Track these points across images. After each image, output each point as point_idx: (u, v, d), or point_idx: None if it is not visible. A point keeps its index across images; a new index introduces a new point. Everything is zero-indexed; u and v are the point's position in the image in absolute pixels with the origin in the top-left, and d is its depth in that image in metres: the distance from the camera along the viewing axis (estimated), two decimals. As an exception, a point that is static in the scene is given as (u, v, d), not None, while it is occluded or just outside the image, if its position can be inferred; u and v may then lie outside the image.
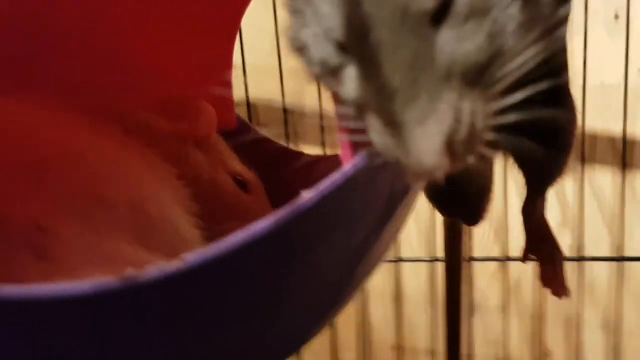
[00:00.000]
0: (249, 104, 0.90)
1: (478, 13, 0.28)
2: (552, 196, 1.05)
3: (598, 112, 1.02)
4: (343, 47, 0.31)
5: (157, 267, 0.31)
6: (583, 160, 1.03)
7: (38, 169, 0.41)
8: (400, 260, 1.09)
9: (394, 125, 0.29)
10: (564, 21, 0.33)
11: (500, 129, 0.32)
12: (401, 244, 1.09)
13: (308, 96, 0.93)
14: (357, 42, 0.29)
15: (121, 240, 0.40)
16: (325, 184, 0.33)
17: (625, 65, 0.97)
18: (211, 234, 0.46)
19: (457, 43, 0.28)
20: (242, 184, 0.58)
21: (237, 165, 0.60)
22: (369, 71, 0.29)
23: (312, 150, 0.91)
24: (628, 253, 1.03)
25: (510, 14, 0.29)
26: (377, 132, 0.30)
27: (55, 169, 0.42)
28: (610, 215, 1.04)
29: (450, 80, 0.28)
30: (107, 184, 0.43)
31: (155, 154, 0.51)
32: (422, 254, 1.10)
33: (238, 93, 0.82)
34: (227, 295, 0.33)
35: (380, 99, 0.29)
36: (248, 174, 0.60)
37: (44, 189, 0.40)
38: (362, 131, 0.32)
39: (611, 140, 1.03)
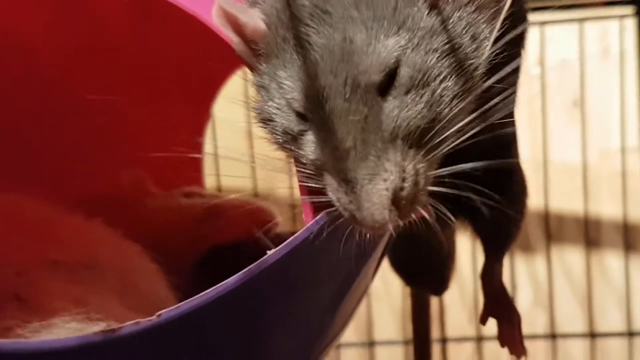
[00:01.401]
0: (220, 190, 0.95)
1: (418, 85, 0.34)
2: (523, 277, 1.10)
3: (563, 192, 1.08)
4: (303, 116, 0.36)
5: (134, 322, 0.34)
6: (549, 239, 1.08)
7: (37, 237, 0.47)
8: (373, 343, 1.11)
9: (347, 182, 0.34)
10: (502, 97, 0.38)
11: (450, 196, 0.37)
12: (374, 327, 1.11)
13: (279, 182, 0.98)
14: (314, 110, 0.35)
15: (108, 300, 0.44)
16: (288, 241, 0.37)
17: (583, 147, 1.05)
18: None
19: (400, 110, 0.34)
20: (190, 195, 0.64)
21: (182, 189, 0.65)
22: (325, 135, 0.34)
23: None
24: (600, 329, 1.07)
25: (446, 86, 0.35)
26: (333, 190, 0.35)
27: (50, 236, 0.47)
28: (580, 293, 1.09)
29: (395, 142, 0.34)
30: (99, 254, 0.48)
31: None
32: (395, 336, 1.12)
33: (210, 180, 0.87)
34: (198, 346, 0.37)
35: (334, 159, 0.34)
36: (196, 188, 0.65)
37: (38, 250, 0.46)
38: (322, 192, 0.37)
39: (576, 219, 1.09)
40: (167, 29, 0.46)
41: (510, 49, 0.39)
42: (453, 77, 0.35)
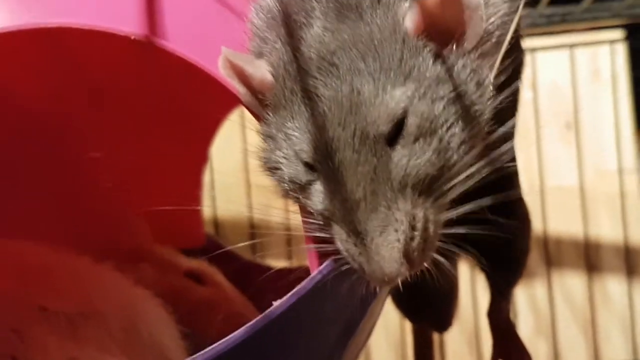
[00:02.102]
0: (216, 221, 0.95)
1: (426, 133, 0.35)
2: (523, 304, 1.10)
3: (561, 215, 1.09)
4: (311, 166, 0.37)
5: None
6: (549, 264, 1.08)
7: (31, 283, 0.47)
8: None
9: (356, 233, 0.34)
10: (505, 138, 0.39)
11: (456, 235, 0.37)
12: (371, 358, 1.11)
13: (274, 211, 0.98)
14: (323, 161, 0.35)
15: (107, 354, 0.44)
16: (294, 291, 0.37)
17: (579, 170, 1.06)
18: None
19: (409, 159, 0.34)
20: (196, 278, 0.63)
21: (185, 262, 0.65)
22: (334, 186, 0.35)
23: (279, 263, 0.94)
24: (605, 357, 1.07)
25: (453, 133, 0.35)
26: (342, 240, 0.35)
27: (49, 284, 0.47)
28: (582, 319, 1.09)
29: (405, 191, 0.34)
30: (102, 301, 0.48)
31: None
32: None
33: (206, 210, 0.87)
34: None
35: (344, 210, 0.35)
36: (199, 265, 0.64)
37: (35, 301, 0.45)
38: (328, 241, 0.37)
39: (575, 243, 1.10)
40: (166, 75, 0.46)
41: (513, 94, 0.39)
42: (460, 123, 0.35)
